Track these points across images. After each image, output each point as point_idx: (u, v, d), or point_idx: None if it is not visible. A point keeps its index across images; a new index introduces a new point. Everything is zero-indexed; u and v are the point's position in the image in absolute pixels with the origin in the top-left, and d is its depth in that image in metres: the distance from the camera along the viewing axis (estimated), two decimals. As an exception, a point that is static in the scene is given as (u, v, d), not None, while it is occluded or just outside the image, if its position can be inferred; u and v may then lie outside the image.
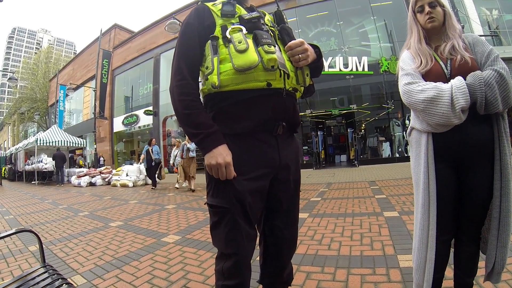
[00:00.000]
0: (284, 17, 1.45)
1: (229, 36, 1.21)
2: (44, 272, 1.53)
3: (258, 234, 1.36)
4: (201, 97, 1.30)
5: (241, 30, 1.23)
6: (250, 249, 1.26)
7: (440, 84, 1.35)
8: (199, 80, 1.30)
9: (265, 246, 1.45)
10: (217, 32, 1.25)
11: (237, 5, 1.34)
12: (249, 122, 1.23)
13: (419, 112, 1.42)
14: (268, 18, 1.44)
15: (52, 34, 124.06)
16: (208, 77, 1.21)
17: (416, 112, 1.45)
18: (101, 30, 21.66)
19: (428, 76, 1.44)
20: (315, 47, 1.38)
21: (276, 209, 1.38)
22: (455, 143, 1.38)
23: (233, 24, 1.26)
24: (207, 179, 1.31)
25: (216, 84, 1.18)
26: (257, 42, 1.20)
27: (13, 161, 21.21)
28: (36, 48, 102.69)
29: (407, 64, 1.52)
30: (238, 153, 1.23)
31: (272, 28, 1.37)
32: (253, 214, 1.25)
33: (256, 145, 1.26)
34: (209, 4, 1.33)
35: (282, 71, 1.23)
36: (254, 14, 1.29)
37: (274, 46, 1.23)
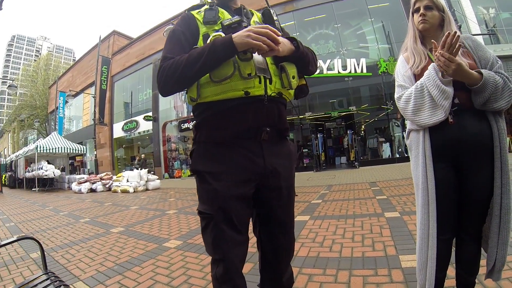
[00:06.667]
0: (273, 15, 1.38)
1: None
2: (46, 279, 1.54)
3: (249, 239, 1.33)
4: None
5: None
6: (238, 254, 1.25)
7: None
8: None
9: (261, 252, 1.43)
10: (200, 42, 1.24)
11: (220, 9, 1.31)
12: (229, 132, 1.22)
13: (412, 121, 1.50)
14: (255, 20, 1.39)
15: (51, 41, 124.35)
16: (188, 90, 1.22)
17: (413, 123, 1.50)
18: (100, 37, 21.77)
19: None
20: (292, 39, 1.28)
21: (269, 216, 1.35)
22: (454, 142, 1.38)
23: (216, 31, 1.23)
24: (196, 186, 1.31)
25: (195, 97, 1.21)
26: None
27: (13, 168, 21.19)
28: (35, 55, 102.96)
29: (400, 73, 1.58)
30: (219, 160, 1.23)
31: None
32: (238, 220, 1.23)
33: (238, 151, 1.24)
34: (194, 12, 1.32)
35: (261, 77, 1.20)
36: (235, 18, 1.22)
37: (252, 52, 1.16)
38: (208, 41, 1.17)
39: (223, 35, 1.17)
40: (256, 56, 1.19)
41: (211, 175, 1.23)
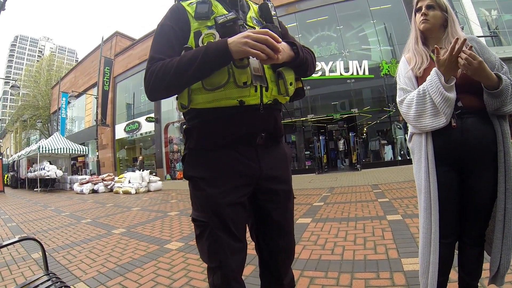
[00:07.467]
0: (271, 10, 1.29)
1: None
2: (48, 280, 1.54)
3: (247, 244, 1.28)
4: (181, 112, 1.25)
5: (214, 36, 1.09)
6: (235, 261, 1.19)
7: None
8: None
9: (260, 256, 1.39)
10: (191, 41, 1.13)
11: (214, 2, 1.19)
12: (223, 139, 1.17)
13: (414, 126, 1.49)
14: (251, 15, 1.29)
15: (54, 42, 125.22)
16: (178, 96, 1.18)
17: (415, 128, 1.49)
18: (102, 38, 21.89)
19: (425, 79, 1.44)
20: (292, 44, 1.19)
21: (265, 219, 1.30)
22: (456, 145, 1.37)
23: (209, 27, 1.13)
24: (190, 193, 1.26)
25: (186, 104, 1.15)
26: None
27: (15, 168, 21.24)
28: (38, 56, 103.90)
29: (402, 75, 1.57)
30: (213, 165, 1.17)
31: (256, 27, 1.23)
32: (235, 226, 1.18)
33: (232, 156, 1.18)
34: (185, 4, 1.19)
35: (257, 86, 1.13)
36: (230, 16, 1.12)
37: (248, 58, 1.09)
38: (200, 40, 1.10)
39: (216, 34, 1.10)
40: (253, 61, 1.11)
41: (204, 181, 1.17)
